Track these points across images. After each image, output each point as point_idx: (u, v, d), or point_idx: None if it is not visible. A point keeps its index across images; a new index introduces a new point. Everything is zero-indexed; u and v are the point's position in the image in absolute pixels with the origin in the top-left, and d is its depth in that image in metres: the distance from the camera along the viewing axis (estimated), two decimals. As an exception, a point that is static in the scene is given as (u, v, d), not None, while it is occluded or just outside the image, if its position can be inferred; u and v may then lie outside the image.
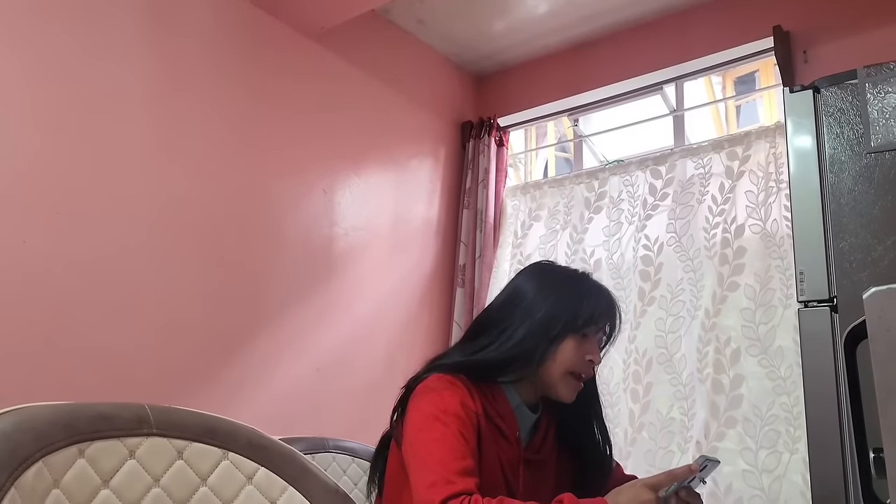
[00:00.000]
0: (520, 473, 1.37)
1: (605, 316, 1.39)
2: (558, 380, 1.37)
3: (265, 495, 0.87)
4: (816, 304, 1.71)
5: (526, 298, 1.39)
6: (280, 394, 2.32)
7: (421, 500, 1.18)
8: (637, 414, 2.49)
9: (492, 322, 1.41)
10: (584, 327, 1.36)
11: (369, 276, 2.71)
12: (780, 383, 2.25)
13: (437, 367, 1.38)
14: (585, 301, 1.37)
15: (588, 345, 1.37)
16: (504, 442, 1.35)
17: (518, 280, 1.46)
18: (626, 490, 1.19)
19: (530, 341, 1.34)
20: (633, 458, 2.44)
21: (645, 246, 2.72)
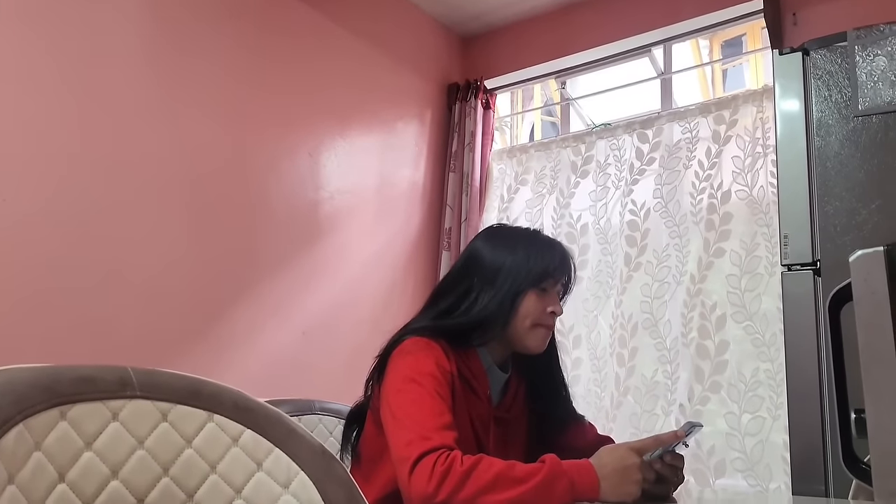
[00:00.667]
0: (490, 431, 1.39)
1: (559, 269, 1.43)
2: (526, 333, 1.40)
3: (251, 457, 0.86)
4: (800, 267, 1.73)
5: (483, 262, 1.42)
6: (266, 357, 2.32)
7: (399, 458, 1.18)
8: (623, 378, 2.51)
9: (452, 288, 1.44)
10: (541, 282, 1.39)
11: (355, 240, 2.69)
12: (764, 350, 2.27)
13: (413, 330, 1.38)
14: (539, 257, 1.40)
15: (548, 298, 1.41)
16: (475, 400, 1.37)
17: (473, 245, 1.49)
18: (611, 452, 1.21)
19: (493, 304, 1.37)
20: (619, 421, 2.47)
21: (631, 211, 2.72)
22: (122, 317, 1.99)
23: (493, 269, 1.40)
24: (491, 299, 1.38)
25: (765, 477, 2.18)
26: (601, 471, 1.17)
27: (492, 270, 1.40)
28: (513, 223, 2.81)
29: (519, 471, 1.14)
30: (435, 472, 1.13)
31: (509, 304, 1.37)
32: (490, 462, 1.15)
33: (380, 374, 1.38)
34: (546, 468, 1.14)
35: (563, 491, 1.14)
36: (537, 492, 1.12)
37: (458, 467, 1.13)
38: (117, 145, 2.04)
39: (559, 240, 1.51)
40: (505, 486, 1.12)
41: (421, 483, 1.13)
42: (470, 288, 1.41)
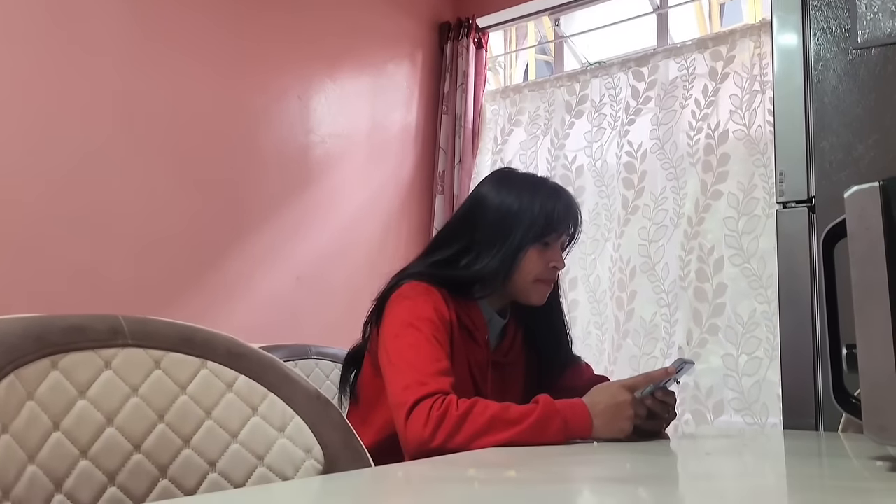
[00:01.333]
0: (488, 375, 1.41)
1: (563, 221, 1.41)
2: (527, 288, 1.41)
3: (246, 402, 0.87)
4: (795, 204, 1.72)
5: (487, 212, 1.41)
6: (261, 303, 2.33)
7: (396, 403, 1.20)
8: (622, 321, 2.53)
9: (454, 236, 1.44)
10: (543, 236, 1.38)
11: (347, 184, 2.68)
12: (761, 291, 2.29)
13: (411, 275, 1.38)
14: (542, 209, 1.39)
15: (550, 252, 1.41)
16: (474, 345, 1.39)
17: (479, 191, 1.47)
18: (603, 390, 1.22)
19: (494, 261, 1.36)
20: (619, 364, 2.51)
21: (628, 153, 2.70)
22: (113, 265, 1.99)
23: (496, 222, 1.39)
24: (492, 257, 1.37)
25: (761, 415, 2.22)
26: (594, 409, 1.19)
27: (495, 223, 1.39)
28: (508, 165, 2.79)
29: (513, 412, 1.16)
30: (431, 417, 1.14)
31: (510, 260, 1.37)
32: (485, 405, 1.16)
33: (378, 318, 1.39)
34: (540, 408, 1.16)
35: (557, 429, 1.16)
36: (532, 431, 1.14)
37: (454, 412, 1.15)
38: (102, 92, 2.01)
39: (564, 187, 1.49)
40: (500, 427, 1.14)
41: (417, 428, 1.15)
42: (472, 241, 1.40)
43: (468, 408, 1.15)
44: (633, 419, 1.21)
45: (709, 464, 1.02)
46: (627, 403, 1.20)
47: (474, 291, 1.39)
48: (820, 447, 1.27)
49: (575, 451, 1.10)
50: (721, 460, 1.05)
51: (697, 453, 1.16)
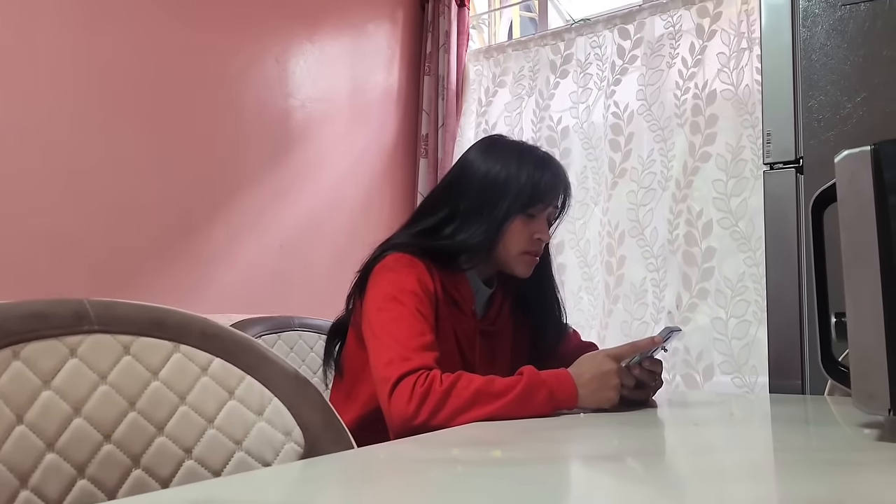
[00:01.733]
0: (476, 345, 1.40)
1: (550, 192, 1.38)
2: (512, 260, 1.38)
3: (222, 385, 0.84)
4: (782, 165, 1.69)
5: (473, 180, 1.38)
6: (244, 272, 2.30)
7: (379, 378, 1.18)
8: (612, 286, 2.52)
9: (439, 205, 1.41)
10: (529, 207, 1.35)
11: (329, 149, 2.63)
12: (750, 255, 2.28)
13: (395, 245, 1.36)
14: (529, 179, 1.36)
15: (535, 224, 1.38)
16: (460, 315, 1.37)
17: (463, 160, 1.44)
18: (589, 360, 1.21)
19: (479, 232, 1.34)
20: (610, 329, 2.50)
21: (614, 114, 2.67)
22: (88, 234, 1.95)
23: (481, 191, 1.36)
24: (477, 227, 1.35)
25: (751, 378, 2.23)
26: (579, 379, 1.18)
27: (480, 191, 1.36)
28: (492, 128, 2.74)
29: (498, 385, 1.14)
30: (415, 394, 1.13)
31: (495, 231, 1.34)
32: (469, 379, 1.15)
33: (361, 290, 1.37)
34: (524, 380, 1.15)
35: (543, 401, 1.14)
36: (517, 403, 1.13)
37: (438, 387, 1.13)
38: (73, 51, 1.94)
39: (551, 154, 1.46)
40: (484, 401, 1.13)
41: (401, 405, 1.13)
42: (456, 210, 1.37)
43: (452, 383, 1.14)
44: (619, 389, 1.20)
45: (697, 436, 1.01)
46: (613, 373, 1.19)
47: (460, 262, 1.37)
48: (807, 413, 1.26)
49: (561, 425, 1.09)
50: (709, 432, 1.04)
51: (685, 424, 1.15)
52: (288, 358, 1.67)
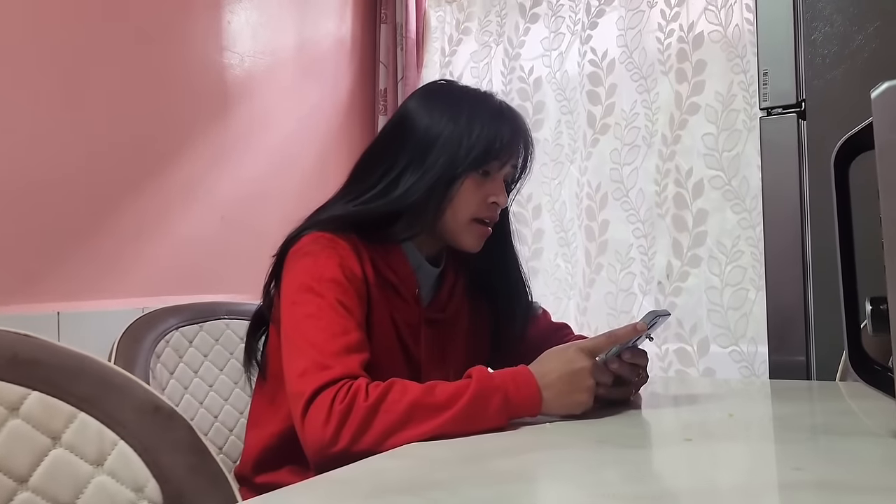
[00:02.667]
0: (421, 337, 1.18)
1: (508, 147, 1.16)
2: (460, 228, 1.17)
3: (42, 429, 0.62)
4: (781, 110, 1.47)
5: (414, 132, 1.16)
6: (180, 248, 2.07)
7: (292, 394, 0.98)
8: (594, 254, 2.31)
9: (374, 162, 1.19)
10: (481, 163, 1.13)
11: (275, 108, 2.38)
12: (745, 216, 2.09)
13: (316, 223, 1.15)
14: (482, 130, 1.14)
15: (490, 185, 1.16)
16: (400, 301, 1.16)
17: (404, 109, 1.22)
18: (556, 356, 1.00)
19: (420, 188, 1.12)
20: (592, 300, 2.30)
21: (592, 62, 2.43)
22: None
23: (425, 141, 1.14)
24: (418, 181, 1.12)
25: (750, 351, 2.04)
26: (543, 379, 0.97)
27: (424, 142, 1.14)
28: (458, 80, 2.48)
29: (440, 394, 0.93)
30: (333, 413, 0.92)
31: (441, 192, 1.12)
32: (403, 389, 0.94)
33: (277, 279, 1.15)
34: (473, 386, 0.94)
35: (497, 410, 0.94)
36: (464, 417, 0.92)
37: (362, 403, 0.92)
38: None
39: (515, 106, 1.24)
40: (422, 416, 0.91)
41: (316, 428, 0.92)
42: (394, 166, 1.14)
43: (380, 396, 0.92)
44: (593, 390, 0.99)
45: (690, 459, 0.79)
46: (586, 371, 0.98)
47: (396, 231, 1.15)
48: (821, 415, 1.06)
49: (519, 445, 0.87)
50: (705, 452, 0.83)
51: (675, 439, 0.93)
52: (213, 353, 1.45)
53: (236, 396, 1.47)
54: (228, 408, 1.44)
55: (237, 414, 1.45)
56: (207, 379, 1.43)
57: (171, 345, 1.38)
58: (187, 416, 1.39)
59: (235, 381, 1.48)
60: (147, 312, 1.40)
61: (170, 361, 1.37)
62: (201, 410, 1.40)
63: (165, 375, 1.36)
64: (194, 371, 1.42)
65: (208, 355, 1.45)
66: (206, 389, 1.42)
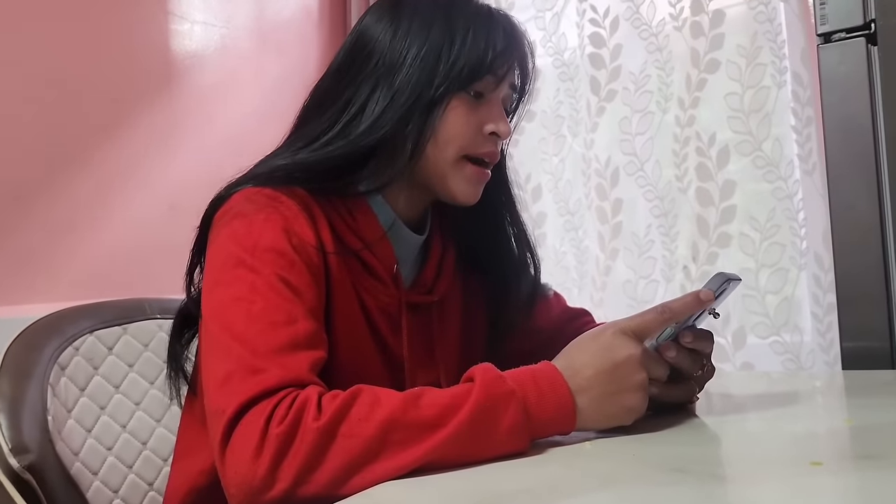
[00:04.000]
0: (402, 327, 0.88)
1: (503, 57, 0.89)
2: (449, 170, 0.88)
3: None
4: (845, 34, 1.19)
5: (375, 52, 0.87)
6: (122, 240, 1.81)
7: (210, 412, 0.67)
8: (607, 238, 2.02)
9: (329, 96, 0.90)
10: (471, 80, 0.86)
11: (232, 84, 2.11)
12: (780, 185, 1.79)
13: (249, 178, 0.87)
14: (467, 36, 0.85)
15: (485, 109, 0.89)
16: (372, 280, 0.87)
17: (362, 23, 0.92)
18: (588, 345, 0.72)
19: (390, 121, 0.84)
20: (609, 290, 2.00)
21: (592, 21, 2.14)
22: None
23: (391, 60, 0.85)
24: (386, 109, 0.83)
25: (794, 342, 1.74)
26: (575, 379, 0.68)
27: (390, 62, 0.85)
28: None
29: (428, 405, 0.64)
30: (269, 440, 0.61)
31: (420, 118, 0.84)
32: (373, 400, 0.64)
33: (200, 256, 0.87)
34: (476, 393, 0.64)
35: (512, 427, 0.65)
36: (465, 438, 0.63)
37: (311, 423, 0.62)
38: None
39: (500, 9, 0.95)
40: (402, 440, 0.61)
41: (242, 462, 0.61)
42: (353, 96, 0.86)
43: (339, 412, 0.62)
44: (646, 388, 0.70)
45: (839, 499, 0.50)
46: (635, 362, 0.69)
47: (360, 180, 0.86)
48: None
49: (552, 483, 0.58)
50: (849, 483, 0.53)
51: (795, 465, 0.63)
52: (140, 361, 1.15)
53: (173, 416, 1.15)
54: (162, 431, 1.13)
55: (173, 439, 1.14)
56: (133, 395, 1.12)
57: (81, 352, 1.07)
58: (104, 444, 1.11)
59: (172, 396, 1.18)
60: (50, 314, 1.10)
61: (80, 374, 1.06)
62: (124, 436, 1.09)
63: (73, 393, 1.05)
64: (115, 385, 1.11)
65: (134, 365, 1.14)
66: (132, 409, 1.12)
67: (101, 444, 1.06)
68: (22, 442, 0.95)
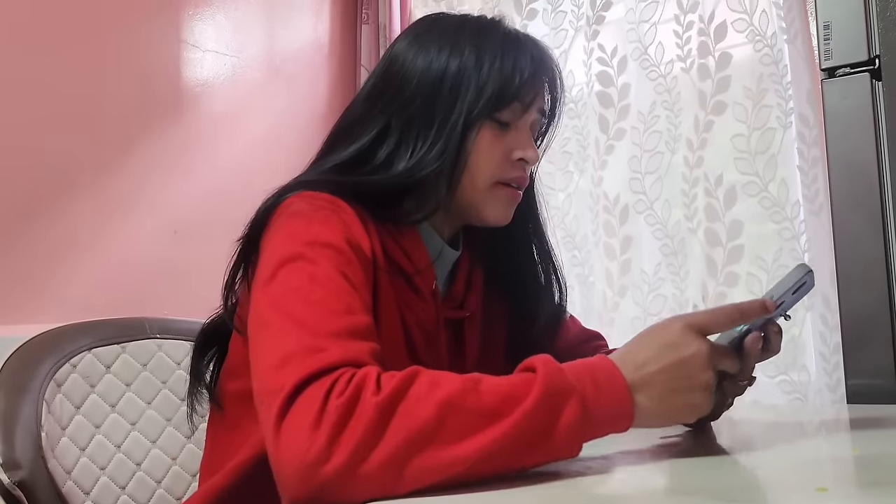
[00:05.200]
0: (441, 344, 0.91)
1: (530, 83, 0.90)
2: (482, 196, 0.90)
3: None
4: (849, 69, 1.20)
5: (407, 80, 0.90)
6: (125, 263, 1.82)
7: (266, 392, 0.65)
8: (616, 274, 2.02)
9: (360, 125, 0.90)
10: (498, 106, 0.88)
11: (241, 112, 2.13)
12: (786, 225, 1.79)
13: (301, 184, 0.86)
14: (494, 62, 0.87)
15: (513, 136, 0.91)
16: (414, 297, 0.88)
17: (392, 52, 0.94)
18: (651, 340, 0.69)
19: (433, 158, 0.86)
20: (616, 326, 2.00)
21: (600, 59, 2.16)
22: None
23: (424, 89, 0.88)
24: (427, 146, 0.86)
25: (802, 380, 1.73)
26: (637, 374, 0.66)
27: (423, 91, 0.88)
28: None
29: (487, 392, 0.62)
30: (328, 411, 0.59)
31: (455, 148, 0.86)
32: (432, 379, 0.62)
33: (247, 263, 0.85)
34: (540, 382, 0.62)
35: (572, 423, 0.62)
36: (527, 432, 0.61)
37: (371, 398, 0.60)
38: None
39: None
40: (463, 425, 0.60)
41: (299, 435, 0.59)
42: (388, 128, 0.88)
43: (400, 388, 0.61)
44: (711, 389, 0.69)
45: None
46: (703, 358, 0.67)
47: (408, 210, 0.88)
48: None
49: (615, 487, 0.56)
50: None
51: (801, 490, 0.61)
52: (139, 378, 1.14)
53: (169, 437, 1.15)
54: (157, 452, 1.12)
55: (168, 461, 1.13)
56: (129, 415, 1.11)
57: (78, 370, 1.07)
58: (98, 463, 1.09)
59: (168, 417, 1.16)
60: (49, 330, 1.10)
61: (76, 391, 1.06)
62: (118, 456, 1.07)
63: (68, 410, 1.04)
64: (111, 404, 1.10)
65: (132, 384, 1.13)
66: (127, 429, 1.10)
67: (95, 463, 1.04)
68: (14, 457, 0.94)
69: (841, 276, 1.23)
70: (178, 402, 1.16)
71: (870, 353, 1.18)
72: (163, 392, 1.16)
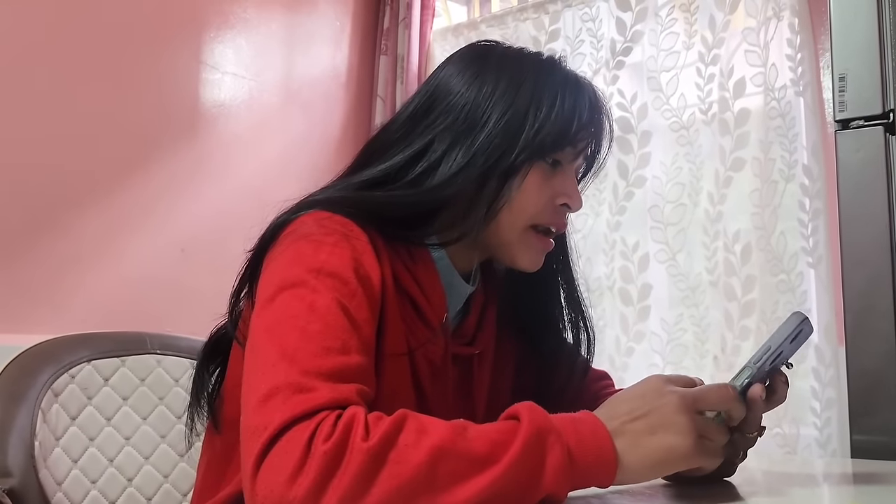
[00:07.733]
0: (447, 381, 0.87)
1: (587, 128, 0.87)
2: (516, 237, 0.87)
3: None
4: (863, 122, 1.20)
5: (454, 106, 0.85)
6: (130, 278, 1.83)
7: (249, 429, 0.63)
8: (632, 320, 2.02)
9: (399, 141, 0.87)
10: (554, 149, 0.84)
11: (253, 135, 2.16)
12: (783, 278, 1.81)
13: (318, 202, 0.82)
14: (555, 104, 0.83)
15: (560, 180, 0.86)
16: (422, 328, 0.84)
17: (438, 76, 0.90)
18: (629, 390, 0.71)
19: (469, 179, 0.82)
20: (631, 371, 2.01)
21: (620, 105, 2.17)
22: None
23: (472, 117, 0.83)
24: (465, 168, 0.82)
25: (792, 434, 1.75)
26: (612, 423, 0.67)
27: (471, 118, 0.83)
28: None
29: (476, 438, 0.62)
30: (313, 457, 0.58)
31: (498, 184, 0.82)
32: (419, 424, 0.62)
33: (253, 278, 0.82)
34: (525, 429, 0.63)
35: (557, 467, 0.62)
36: (514, 477, 0.61)
37: (360, 443, 0.59)
38: None
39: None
40: (454, 473, 0.60)
41: (279, 481, 0.58)
42: (428, 145, 0.84)
43: (389, 434, 0.60)
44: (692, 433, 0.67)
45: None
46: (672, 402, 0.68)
47: (428, 233, 0.85)
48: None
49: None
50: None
51: None
52: (136, 395, 1.14)
53: (162, 455, 1.14)
54: (149, 469, 1.11)
55: (160, 478, 1.12)
56: (124, 429, 1.11)
57: (76, 381, 1.07)
58: (89, 476, 1.09)
59: (163, 434, 1.15)
60: (49, 339, 1.10)
61: (73, 402, 1.05)
62: (110, 470, 1.07)
63: (63, 421, 1.04)
64: (107, 417, 1.09)
65: (129, 398, 1.13)
66: (121, 443, 1.10)
67: (86, 476, 1.04)
68: (6, 465, 0.93)
69: (849, 330, 1.22)
70: (173, 419, 1.16)
71: (877, 408, 1.17)
72: (159, 408, 1.15)
